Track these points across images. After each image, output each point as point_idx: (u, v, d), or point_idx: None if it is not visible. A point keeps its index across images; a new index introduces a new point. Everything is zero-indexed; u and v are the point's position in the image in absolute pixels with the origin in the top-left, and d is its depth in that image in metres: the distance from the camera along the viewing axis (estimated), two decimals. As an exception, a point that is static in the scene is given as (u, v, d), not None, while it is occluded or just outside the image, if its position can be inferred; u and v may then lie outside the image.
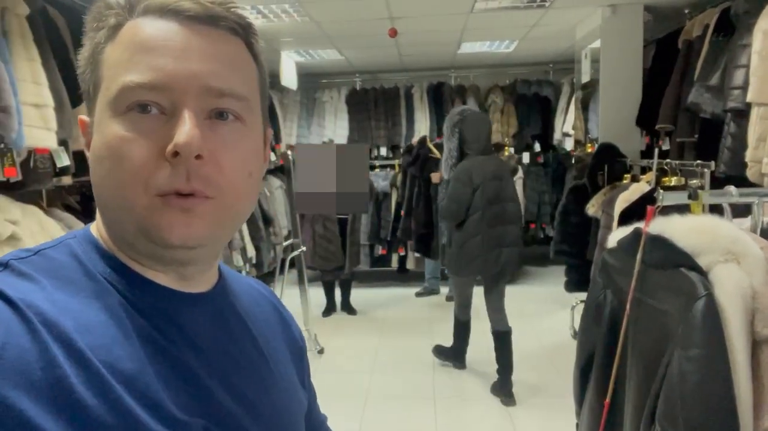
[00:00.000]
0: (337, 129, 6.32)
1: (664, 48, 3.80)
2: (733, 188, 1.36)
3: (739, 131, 2.65)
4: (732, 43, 2.82)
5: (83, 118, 0.57)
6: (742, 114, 2.63)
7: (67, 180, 2.61)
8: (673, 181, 2.68)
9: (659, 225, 1.27)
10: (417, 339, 4.27)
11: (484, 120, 3.46)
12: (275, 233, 5.37)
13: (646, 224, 1.30)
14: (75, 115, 2.45)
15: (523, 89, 6.29)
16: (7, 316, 0.46)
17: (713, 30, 3.05)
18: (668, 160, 2.83)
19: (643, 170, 3.33)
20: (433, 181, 4.87)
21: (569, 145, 5.83)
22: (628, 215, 2.53)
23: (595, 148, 3.75)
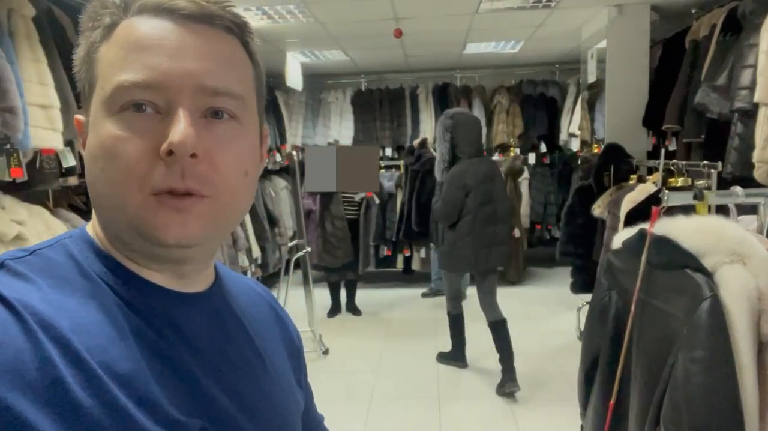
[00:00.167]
0: (343, 130, 6.32)
1: (670, 48, 3.78)
2: (740, 188, 1.35)
3: (747, 132, 2.62)
4: (739, 42, 2.80)
5: (79, 117, 0.57)
6: (750, 114, 2.60)
7: (73, 181, 2.62)
8: (680, 182, 2.66)
9: (664, 226, 1.26)
10: (422, 339, 4.26)
11: (475, 123, 3.55)
12: (280, 234, 5.38)
13: (651, 224, 1.29)
14: (80, 116, 2.46)
15: (529, 90, 6.27)
16: (2, 316, 0.45)
17: (720, 30, 3.03)
18: (675, 161, 2.81)
19: (650, 171, 3.31)
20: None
21: (575, 145, 5.82)
22: (635, 216, 2.51)
23: (602, 148, 3.74)
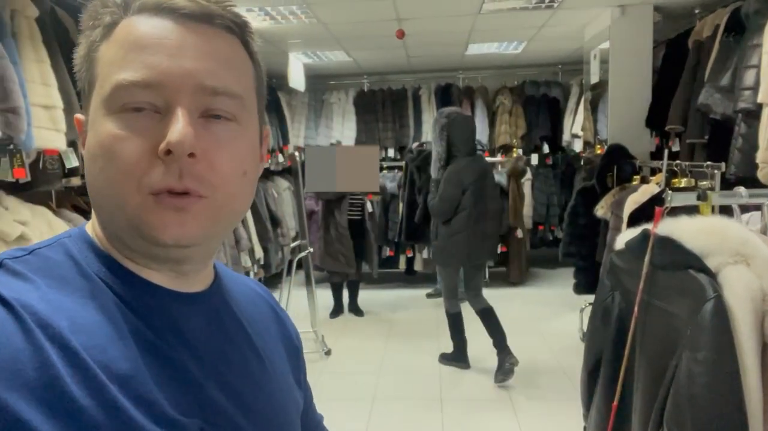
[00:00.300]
0: (345, 130, 6.33)
1: (674, 48, 3.77)
2: (743, 189, 1.34)
3: (750, 132, 2.62)
4: (743, 43, 2.80)
5: (79, 116, 0.57)
6: (753, 115, 2.60)
7: (76, 181, 2.63)
8: (683, 182, 2.65)
9: (668, 227, 1.25)
10: (424, 340, 4.25)
11: (469, 122, 3.71)
12: (283, 235, 5.39)
13: (654, 225, 1.28)
14: (83, 116, 2.46)
15: (532, 91, 6.26)
16: (0, 316, 0.45)
17: (724, 30, 3.03)
18: (678, 161, 2.80)
19: (653, 172, 3.30)
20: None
21: (578, 146, 5.80)
22: (638, 217, 2.50)
23: (605, 149, 3.73)
